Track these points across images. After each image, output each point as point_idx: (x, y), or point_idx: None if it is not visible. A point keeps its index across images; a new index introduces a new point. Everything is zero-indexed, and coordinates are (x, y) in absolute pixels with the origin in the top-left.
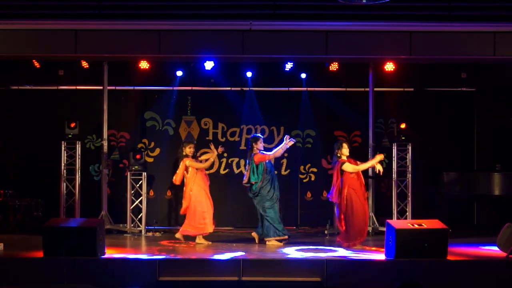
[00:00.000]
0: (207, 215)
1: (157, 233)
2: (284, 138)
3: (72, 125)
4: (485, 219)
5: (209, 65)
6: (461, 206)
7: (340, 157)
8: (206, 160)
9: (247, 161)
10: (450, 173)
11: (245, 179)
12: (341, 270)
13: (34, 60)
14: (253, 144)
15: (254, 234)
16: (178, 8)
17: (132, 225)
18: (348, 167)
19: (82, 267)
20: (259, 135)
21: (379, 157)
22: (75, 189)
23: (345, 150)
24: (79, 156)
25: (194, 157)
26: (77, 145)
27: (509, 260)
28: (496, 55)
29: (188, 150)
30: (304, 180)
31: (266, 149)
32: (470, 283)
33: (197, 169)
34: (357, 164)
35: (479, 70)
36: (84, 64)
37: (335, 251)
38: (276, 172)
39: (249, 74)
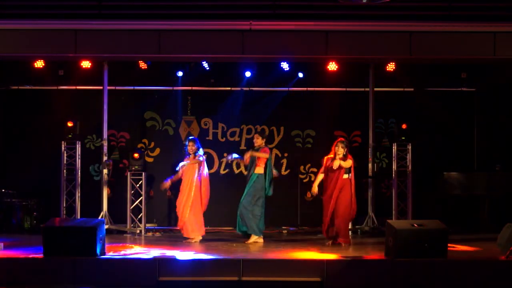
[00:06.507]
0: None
1: (157, 233)
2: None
3: (72, 125)
4: (485, 219)
5: (208, 65)
6: (461, 206)
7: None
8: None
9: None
10: (450, 173)
11: None
12: (341, 270)
13: (34, 60)
14: None
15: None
16: (178, 8)
17: (132, 225)
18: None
19: (82, 267)
20: None
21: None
22: (75, 189)
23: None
24: (79, 156)
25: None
26: (77, 145)
27: (509, 260)
28: (496, 55)
29: (189, 148)
30: (304, 180)
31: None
32: (470, 283)
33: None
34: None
35: (479, 70)
36: (86, 65)
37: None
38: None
39: (248, 74)
